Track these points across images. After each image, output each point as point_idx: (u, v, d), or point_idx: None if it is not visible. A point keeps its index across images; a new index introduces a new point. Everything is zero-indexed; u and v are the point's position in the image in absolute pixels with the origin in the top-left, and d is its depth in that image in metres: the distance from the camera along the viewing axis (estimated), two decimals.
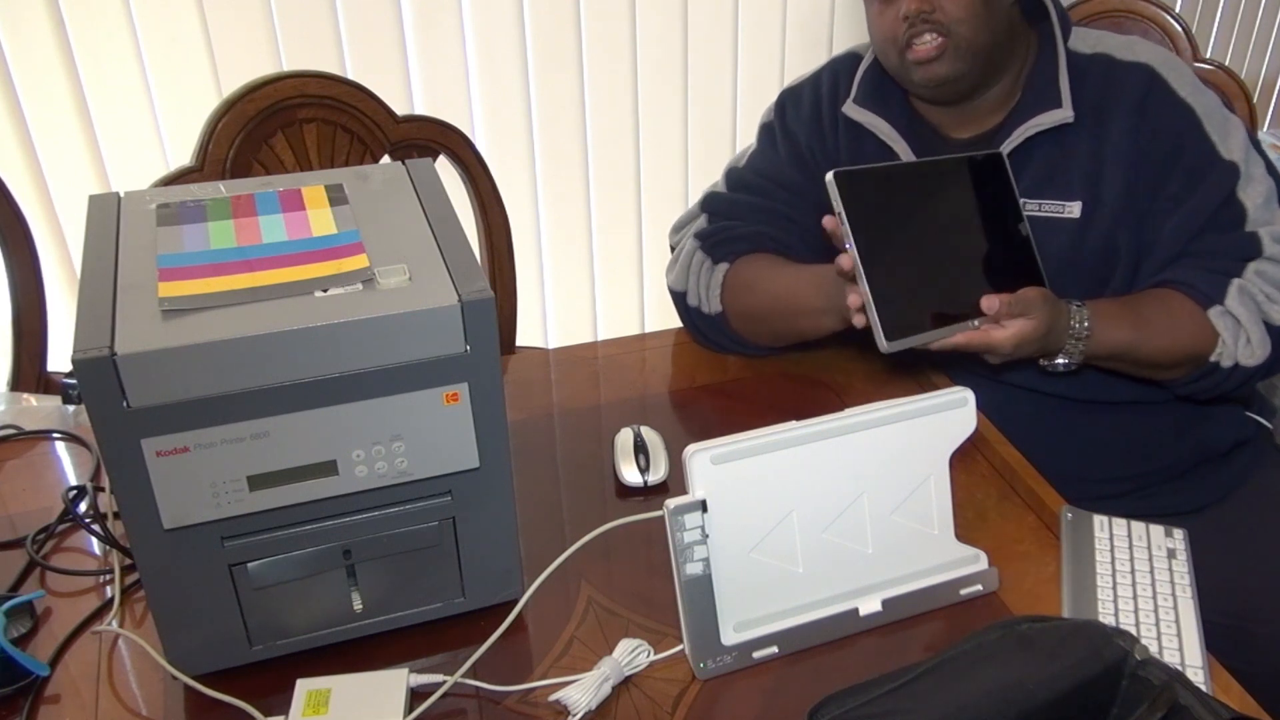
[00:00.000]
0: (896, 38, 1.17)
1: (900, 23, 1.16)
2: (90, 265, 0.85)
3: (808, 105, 1.33)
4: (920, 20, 1.15)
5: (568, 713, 0.87)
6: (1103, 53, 1.22)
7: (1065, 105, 1.19)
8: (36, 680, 0.90)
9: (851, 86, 1.29)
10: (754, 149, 1.37)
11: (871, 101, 1.27)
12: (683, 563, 0.89)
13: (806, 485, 0.94)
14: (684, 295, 1.34)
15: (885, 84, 1.28)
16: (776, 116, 1.35)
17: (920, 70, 1.18)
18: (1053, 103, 1.19)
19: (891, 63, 1.21)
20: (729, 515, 0.91)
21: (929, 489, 0.99)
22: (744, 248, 1.30)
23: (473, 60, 2.14)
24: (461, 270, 0.85)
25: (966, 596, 1.00)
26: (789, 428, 0.93)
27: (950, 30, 1.15)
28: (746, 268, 1.29)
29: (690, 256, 1.33)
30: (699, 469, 0.89)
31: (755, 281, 1.27)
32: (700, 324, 1.34)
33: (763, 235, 1.30)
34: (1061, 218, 1.20)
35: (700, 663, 0.91)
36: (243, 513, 0.83)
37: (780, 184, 1.31)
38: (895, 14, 1.16)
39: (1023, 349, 1.10)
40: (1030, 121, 1.20)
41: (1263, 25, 3.07)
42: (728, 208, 1.33)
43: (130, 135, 1.94)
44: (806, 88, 1.34)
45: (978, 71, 1.19)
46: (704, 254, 1.32)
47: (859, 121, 1.27)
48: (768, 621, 0.93)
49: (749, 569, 0.92)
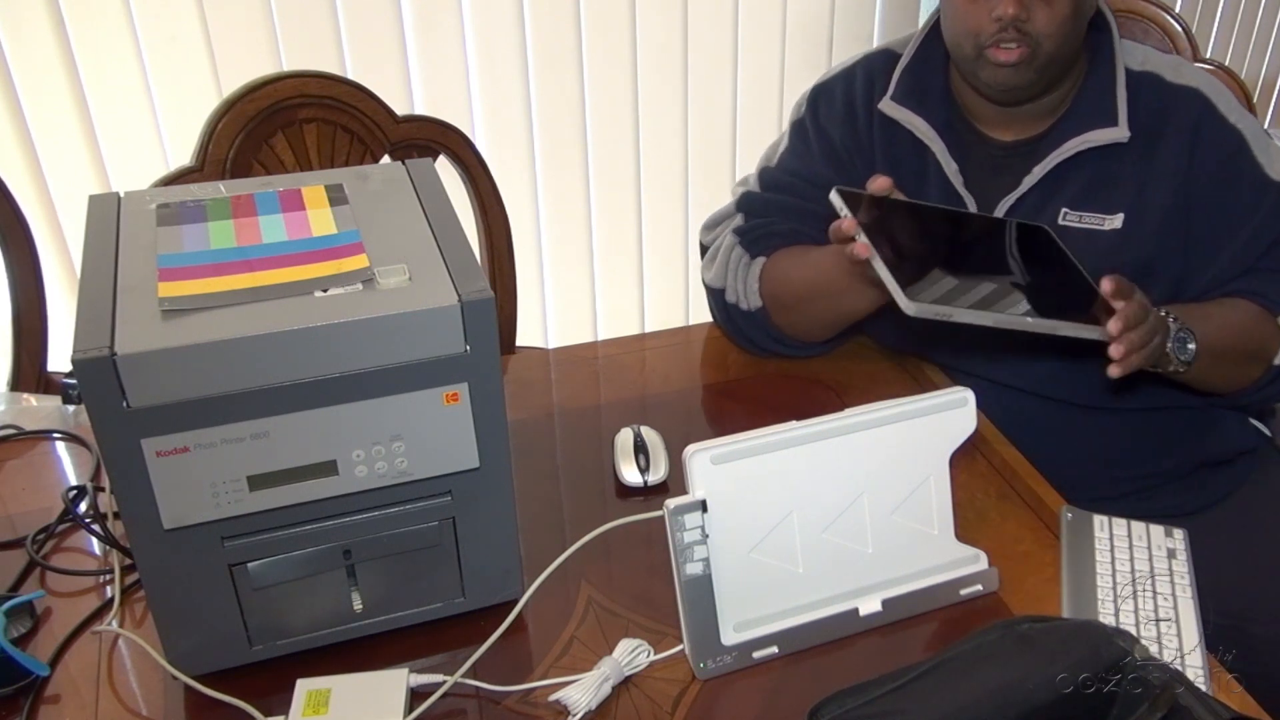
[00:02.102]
0: (980, 34, 1.14)
1: (990, 22, 1.13)
2: (90, 265, 0.85)
3: (840, 101, 1.31)
4: (1011, 26, 1.13)
5: (568, 713, 0.87)
6: (1152, 71, 1.21)
7: (1121, 124, 1.18)
8: (36, 680, 0.90)
9: (888, 83, 1.27)
10: (785, 147, 1.35)
11: (910, 99, 1.25)
12: (683, 563, 0.89)
13: (806, 485, 0.94)
14: (722, 292, 1.32)
15: (924, 82, 1.26)
16: (809, 113, 1.33)
17: (995, 72, 1.15)
18: (1108, 120, 1.18)
19: (965, 54, 1.18)
20: (729, 515, 0.91)
21: (929, 489, 0.99)
22: (780, 244, 1.29)
23: (473, 60, 2.14)
24: (461, 270, 0.85)
25: (966, 597, 1.00)
26: (789, 428, 0.93)
27: (1037, 41, 1.13)
28: (781, 259, 1.28)
29: (729, 253, 1.31)
30: (699, 469, 0.89)
31: (790, 269, 1.26)
32: (740, 321, 1.32)
33: (800, 233, 1.28)
34: (1101, 230, 1.19)
35: (700, 663, 0.91)
36: (243, 513, 0.83)
37: (814, 183, 1.29)
38: (986, 11, 1.13)
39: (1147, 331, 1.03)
40: (1084, 136, 1.18)
41: (1263, 25, 3.07)
42: (763, 207, 1.32)
43: (130, 135, 1.94)
44: (839, 83, 1.32)
45: (1045, 81, 1.18)
46: (742, 249, 1.30)
47: (895, 119, 1.26)
48: (768, 621, 0.93)
49: (749, 569, 0.92)
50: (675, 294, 2.57)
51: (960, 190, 1.23)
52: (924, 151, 1.25)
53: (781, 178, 1.32)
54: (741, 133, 2.43)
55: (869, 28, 2.47)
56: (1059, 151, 1.19)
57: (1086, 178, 1.20)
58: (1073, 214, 1.20)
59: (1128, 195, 1.19)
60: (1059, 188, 1.20)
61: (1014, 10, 1.11)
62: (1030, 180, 1.20)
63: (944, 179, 1.24)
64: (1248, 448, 1.31)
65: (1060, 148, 1.19)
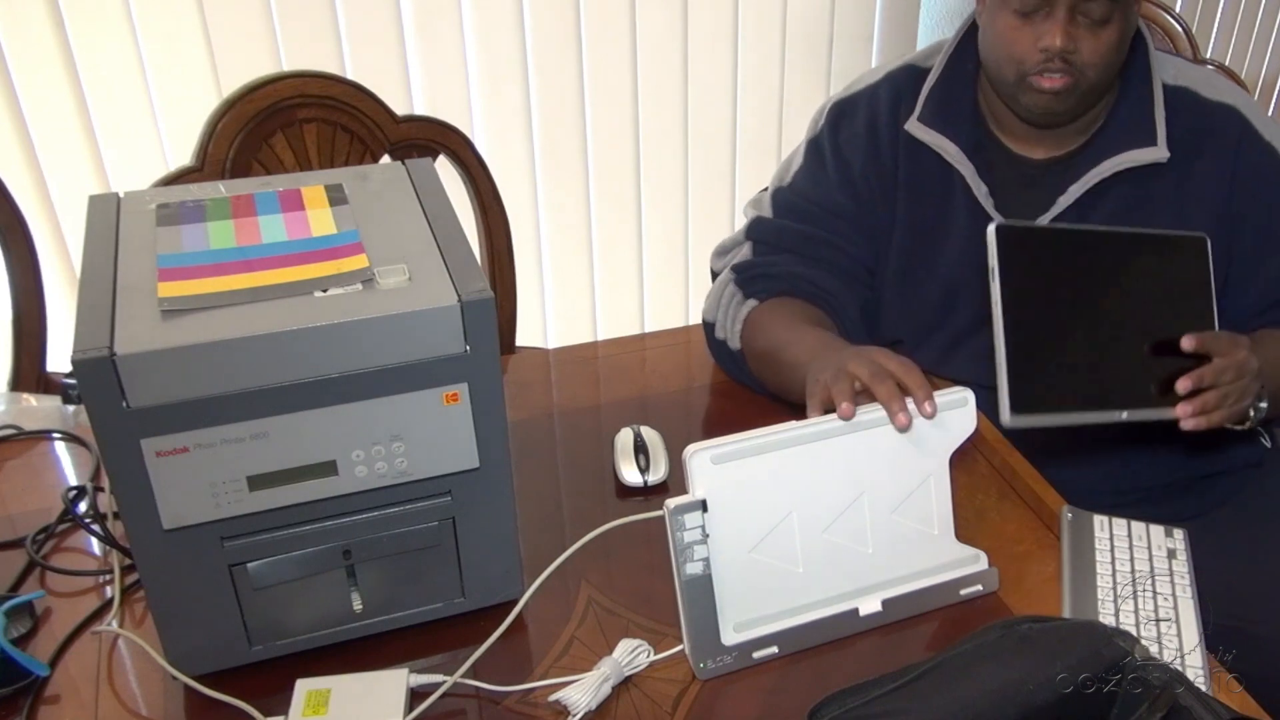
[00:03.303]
0: (1025, 61, 1.12)
1: (1036, 51, 1.11)
2: (90, 265, 0.85)
3: (863, 122, 1.26)
4: (1058, 57, 1.11)
5: (568, 713, 0.87)
6: (1186, 87, 1.19)
7: (1160, 145, 1.16)
8: (36, 680, 0.90)
9: (915, 104, 1.24)
10: (799, 166, 1.31)
11: (937, 120, 1.22)
12: (683, 563, 0.89)
13: (807, 485, 0.93)
14: (713, 326, 1.29)
15: (952, 101, 1.23)
16: (828, 132, 1.28)
17: (1037, 98, 1.14)
18: (1146, 139, 1.17)
19: (1006, 78, 1.15)
20: (729, 515, 0.90)
21: (929, 489, 0.99)
22: (778, 287, 1.25)
23: (473, 60, 2.14)
24: (461, 270, 0.85)
25: (966, 596, 1.00)
26: (789, 428, 0.92)
27: (1081, 72, 1.11)
28: (769, 309, 1.24)
29: (724, 288, 1.29)
30: (699, 469, 0.89)
31: (770, 325, 1.22)
32: (724, 358, 1.30)
33: (798, 277, 1.25)
34: None
35: (700, 663, 0.91)
36: (243, 513, 0.83)
37: (828, 210, 1.26)
38: (1032, 39, 1.11)
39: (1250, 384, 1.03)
40: (1122, 156, 1.16)
41: (1263, 25, 3.07)
42: (774, 236, 1.28)
43: (130, 135, 1.94)
44: (861, 102, 1.27)
45: (1086, 106, 1.16)
46: (736, 287, 1.27)
47: (923, 141, 1.23)
48: (768, 622, 0.93)
49: (749, 569, 0.92)
50: (675, 294, 2.57)
51: (991, 213, 1.20)
52: (951, 174, 1.22)
53: (795, 201, 1.29)
54: (741, 132, 2.43)
55: (869, 28, 2.47)
56: (1097, 171, 1.17)
57: (1123, 197, 1.18)
58: None
59: (1166, 216, 1.17)
60: (1095, 206, 1.18)
61: (1062, 42, 1.09)
62: (1066, 200, 1.18)
63: (973, 202, 1.21)
64: (1253, 461, 1.31)
65: (1098, 166, 1.17)
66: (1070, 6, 1.08)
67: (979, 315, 1.20)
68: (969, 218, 1.21)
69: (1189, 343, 1.01)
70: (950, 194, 1.22)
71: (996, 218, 1.20)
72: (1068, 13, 1.09)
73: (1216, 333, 1.05)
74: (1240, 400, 1.03)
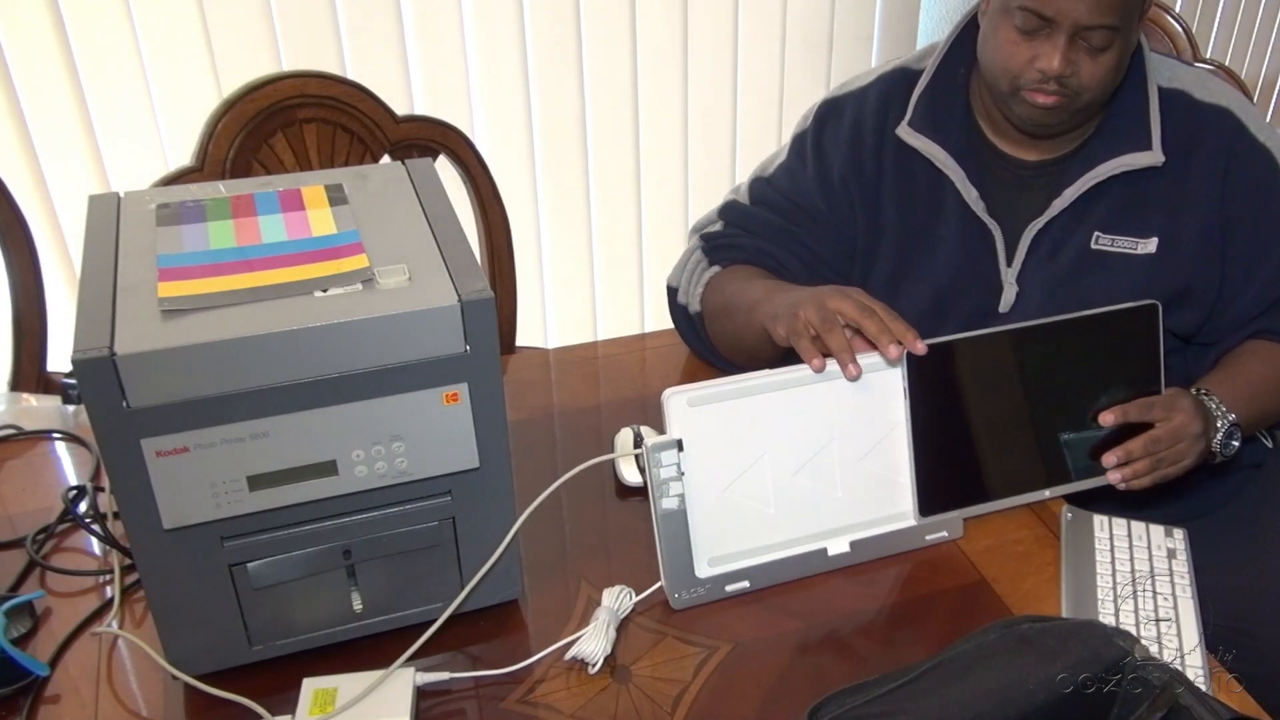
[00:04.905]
0: (1020, 76, 1.11)
1: (1033, 68, 1.10)
2: (90, 265, 0.85)
3: (848, 124, 1.26)
4: (1055, 80, 1.10)
5: (586, 666, 0.91)
6: (1180, 89, 1.19)
7: (1155, 149, 1.15)
8: (36, 680, 0.90)
9: (905, 109, 1.23)
10: (782, 161, 1.31)
11: (927, 125, 1.21)
12: (659, 497, 0.94)
13: (779, 430, 0.98)
14: (675, 290, 1.33)
15: (943, 106, 1.22)
16: (813, 130, 1.29)
17: (1030, 110, 1.13)
18: (1141, 143, 1.16)
19: (1001, 86, 1.14)
20: (704, 455, 0.96)
21: (898, 438, 1.02)
22: (742, 256, 1.28)
23: (473, 60, 2.14)
24: (461, 270, 0.85)
25: (932, 542, 1.04)
26: (764, 375, 0.98)
27: (1076, 93, 1.11)
28: (730, 272, 1.27)
29: (690, 255, 1.33)
30: (676, 410, 0.95)
31: (729, 283, 1.25)
32: (683, 322, 1.34)
33: (764, 251, 1.27)
34: (1135, 254, 1.17)
35: (675, 593, 0.97)
36: (243, 513, 0.83)
37: (801, 206, 1.27)
38: (1029, 57, 1.10)
39: (1187, 447, 1.06)
40: (1117, 160, 1.16)
41: (1263, 25, 3.07)
42: (744, 220, 1.30)
43: (130, 135, 1.94)
44: (849, 104, 1.27)
45: (1080, 120, 1.16)
46: (702, 254, 1.31)
47: (913, 146, 1.21)
48: (740, 558, 0.99)
49: (723, 507, 0.98)
50: None
51: (983, 217, 1.20)
52: (941, 179, 1.21)
53: (770, 194, 1.30)
54: (741, 132, 2.43)
55: (869, 28, 2.47)
56: (1091, 175, 1.16)
57: (1118, 199, 1.18)
58: (1105, 237, 1.18)
59: (1161, 219, 1.17)
60: (1090, 210, 1.18)
61: (1060, 67, 1.08)
62: (1060, 204, 1.18)
63: (963, 207, 1.20)
64: (1253, 461, 1.31)
65: (1092, 170, 1.17)
66: (1072, 33, 1.07)
67: (969, 321, 1.20)
68: (960, 223, 1.21)
69: (1107, 418, 1.05)
70: (941, 199, 1.22)
71: (990, 223, 1.20)
72: (1069, 38, 1.08)
73: (1152, 400, 1.06)
74: (1177, 463, 1.06)
